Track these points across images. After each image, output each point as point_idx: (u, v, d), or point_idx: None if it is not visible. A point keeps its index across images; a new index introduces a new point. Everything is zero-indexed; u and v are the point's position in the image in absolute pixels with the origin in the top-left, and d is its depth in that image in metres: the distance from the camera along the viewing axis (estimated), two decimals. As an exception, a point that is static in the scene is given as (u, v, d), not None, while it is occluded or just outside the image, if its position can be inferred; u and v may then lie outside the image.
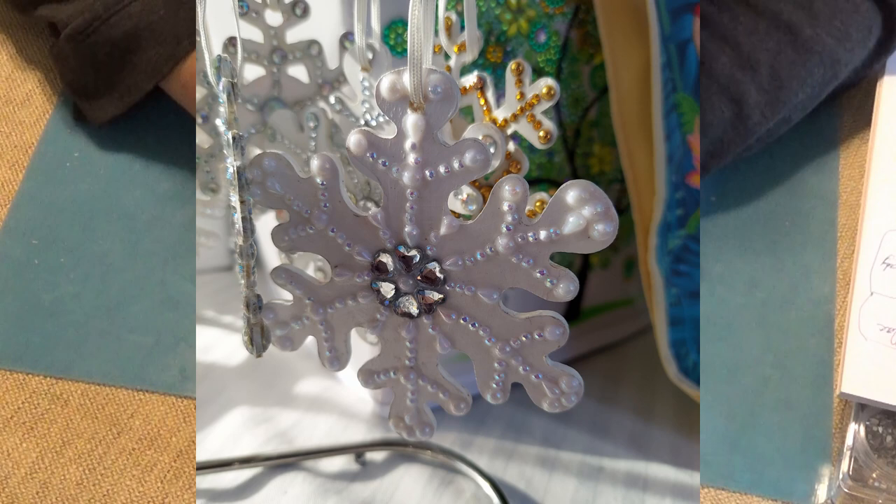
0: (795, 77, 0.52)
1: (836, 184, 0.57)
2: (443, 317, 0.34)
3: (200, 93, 0.50)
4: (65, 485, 0.47)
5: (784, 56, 0.52)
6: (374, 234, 0.33)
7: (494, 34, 0.49)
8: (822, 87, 0.53)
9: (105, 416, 0.49)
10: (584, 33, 0.52)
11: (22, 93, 0.58)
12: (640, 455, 0.51)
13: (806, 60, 0.52)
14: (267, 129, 0.48)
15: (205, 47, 0.37)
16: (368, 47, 0.43)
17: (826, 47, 0.52)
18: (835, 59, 0.52)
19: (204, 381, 0.58)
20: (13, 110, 0.57)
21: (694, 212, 0.52)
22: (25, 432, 0.48)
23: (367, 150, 0.32)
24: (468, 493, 0.47)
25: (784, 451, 0.49)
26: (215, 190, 0.53)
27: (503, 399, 0.35)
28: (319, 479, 0.48)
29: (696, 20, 0.51)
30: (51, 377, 0.50)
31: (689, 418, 0.55)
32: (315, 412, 0.55)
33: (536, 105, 0.42)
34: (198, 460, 0.48)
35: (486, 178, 0.45)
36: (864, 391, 0.47)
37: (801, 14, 0.52)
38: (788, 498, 0.48)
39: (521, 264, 0.32)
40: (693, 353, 0.52)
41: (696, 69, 0.51)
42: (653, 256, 0.51)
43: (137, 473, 0.47)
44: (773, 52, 0.52)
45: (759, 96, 0.51)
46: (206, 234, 0.57)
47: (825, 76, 0.53)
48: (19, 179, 0.55)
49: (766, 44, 0.52)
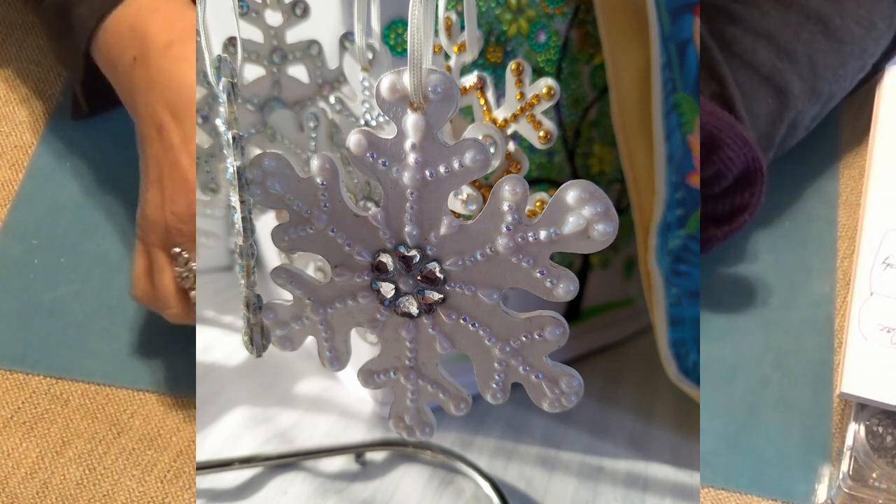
0: (830, 67, 0.52)
1: (836, 184, 0.57)
2: (443, 317, 0.34)
3: (200, 93, 0.50)
4: (65, 485, 0.47)
5: (818, 45, 0.52)
6: (374, 234, 0.33)
7: (494, 34, 0.49)
8: (854, 77, 0.54)
9: (105, 416, 0.49)
10: (584, 33, 0.52)
11: (22, 93, 0.58)
12: (640, 455, 0.51)
13: (838, 49, 0.52)
14: (267, 129, 0.48)
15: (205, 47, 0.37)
16: (368, 47, 0.43)
17: (855, 37, 0.52)
18: (863, 49, 0.53)
19: (204, 381, 0.58)
20: (13, 110, 0.57)
21: (694, 212, 0.52)
22: (25, 432, 0.48)
23: (367, 150, 0.32)
24: (468, 493, 0.47)
25: (784, 451, 0.49)
26: (215, 190, 0.53)
27: (503, 399, 0.35)
28: (319, 479, 0.48)
29: (696, 20, 0.51)
30: (51, 377, 0.50)
31: (689, 418, 0.55)
32: (315, 412, 0.55)
33: (536, 105, 0.42)
34: (198, 460, 0.48)
35: (486, 178, 0.45)
36: (864, 391, 0.47)
37: (827, 5, 0.52)
38: (788, 498, 0.48)
39: (521, 264, 0.32)
40: (693, 353, 0.52)
41: (697, 69, 0.51)
42: (653, 256, 0.51)
43: (137, 473, 0.47)
44: (807, 42, 0.52)
45: (801, 85, 0.52)
46: (206, 234, 0.57)
47: (855, 66, 0.53)
48: (19, 179, 0.55)
49: (801, 35, 0.52)
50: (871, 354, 0.48)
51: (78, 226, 0.54)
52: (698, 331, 0.52)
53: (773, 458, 0.49)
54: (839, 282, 0.53)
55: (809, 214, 0.56)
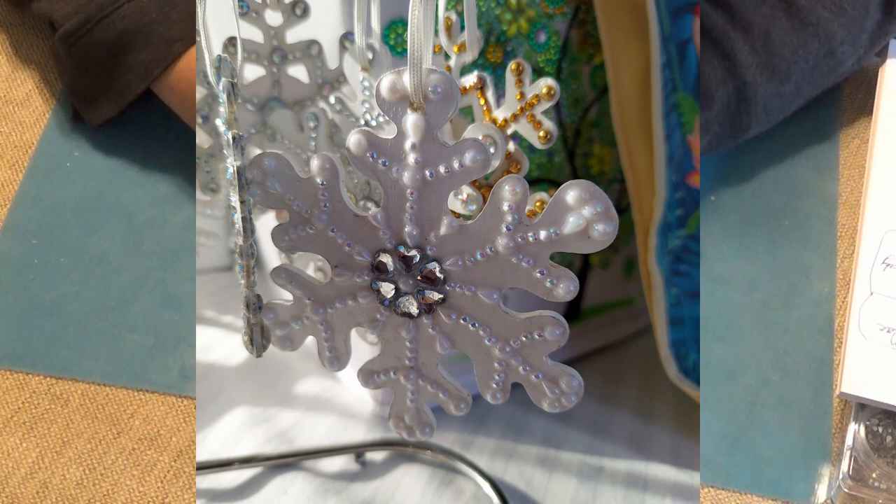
0: (788, 44, 0.53)
1: (836, 183, 0.57)
2: (443, 317, 0.34)
3: (200, 93, 0.50)
4: (65, 485, 0.47)
5: (778, 22, 0.53)
6: (374, 234, 0.33)
7: (494, 34, 0.49)
8: (816, 61, 0.54)
9: (105, 416, 0.49)
10: (584, 33, 0.52)
11: (22, 93, 0.58)
12: (640, 455, 0.51)
13: (799, 29, 0.53)
14: (267, 129, 0.48)
15: (205, 47, 0.37)
16: (368, 47, 0.43)
17: (821, 19, 0.53)
18: (829, 34, 0.53)
19: (204, 381, 0.58)
20: (13, 110, 0.57)
21: (694, 212, 0.52)
22: (25, 432, 0.48)
23: (367, 150, 0.32)
24: (468, 493, 0.47)
25: (784, 451, 0.49)
26: (215, 190, 0.53)
27: (503, 399, 0.35)
28: (319, 479, 0.48)
29: (696, 20, 0.51)
30: (51, 377, 0.50)
31: (689, 418, 0.55)
32: (315, 412, 0.55)
33: (536, 105, 0.42)
34: (198, 460, 0.48)
35: (486, 178, 0.45)
36: (864, 391, 0.47)
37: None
38: (788, 498, 0.48)
39: (521, 264, 0.32)
40: (693, 353, 0.52)
41: (697, 69, 0.51)
42: (653, 256, 0.51)
43: (137, 473, 0.47)
44: (766, 17, 0.53)
45: (752, 57, 0.52)
46: (206, 234, 0.57)
47: (819, 50, 0.53)
48: (19, 179, 0.55)
49: (760, 8, 0.53)
50: (871, 354, 0.48)
51: (78, 226, 0.54)
52: (698, 331, 0.52)
53: (773, 458, 0.49)
54: (839, 282, 0.53)
55: (809, 214, 0.56)
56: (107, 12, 0.51)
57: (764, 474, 0.49)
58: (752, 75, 0.52)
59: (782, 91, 0.53)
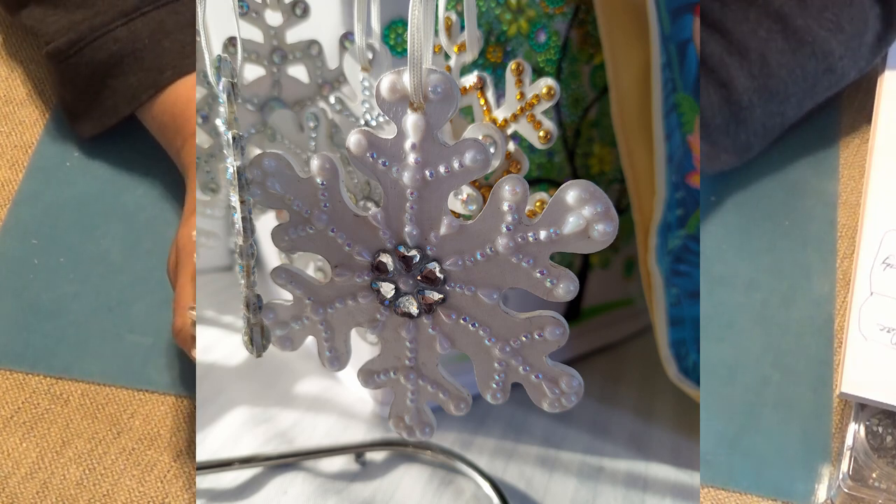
0: (785, 66, 0.52)
1: (836, 184, 0.57)
2: (443, 317, 0.34)
3: (200, 93, 0.50)
4: (65, 485, 0.47)
5: (774, 44, 0.52)
6: (374, 234, 0.33)
7: (494, 34, 0.49)
8: (815, 79, 0.53)
9: (105, 416, 0.49)
10: (584, 33, 0.52)
11: (22, 93, 0.58)
12: (640, 455, 0.51)
13: (796, 50, 0.52)
14: (267, 129, 0.48)
15: (205, 47, 0.37)
16: (368, 47, 0.43)
17: (817, 38, 0.52)
18: (827, 51, 0.52)
19: (204, 381, 0.58)
20: (13, 110, 0.57)
21: (694, 212, 0.52)
22: (25, 432, 0.48)
23: (367, 150, 0.32)
24: (468, 493, 0.47)
25: (784, 451, 0.49)
26: (215, 190, 0.53)
27: (503, 399, 0.35)
28: (319, 479, 0.48)
29: (696, 20, 0.51)
30: (51, 377, 0.50)
31: (689, 418, 0.55)
32: (315, 412, 0.55)
33: (536, 105, 0.42)
34: (198, 460, 0.48)
35: (486, 178, 0.45)
36: (864, 391, 0.47)
37: (791, 4, 0.52)
38: (788, 498, 0.48)
39: (521, 264, 0.32)
40: (693, 353, 0.52)
41: (697, 69, 0.51)
42: (653, 256, 0.51)
43: (137, 473, 0.47)
44: (763, 39, 0.52)
45: (748, 82, 0.52)
46: (206, 234, 0.57)
47: (818, 68, 0.53)
48: (19, 179, 0.55)
49: (757, 32, 0.52)
50: (871, 354, 0.48)
51: (78, 226, 0.54)
52: (698, 331, 0.52)
53: (773, 458, 0.49)
54: (839, 282, 0.53)
55: (809, 214, 0.56)
56: (99, 34, 0.51)
57: (764, 474, 0.49)
58: (749, 99, 0.52)
59: (782, 110, 0.54)
